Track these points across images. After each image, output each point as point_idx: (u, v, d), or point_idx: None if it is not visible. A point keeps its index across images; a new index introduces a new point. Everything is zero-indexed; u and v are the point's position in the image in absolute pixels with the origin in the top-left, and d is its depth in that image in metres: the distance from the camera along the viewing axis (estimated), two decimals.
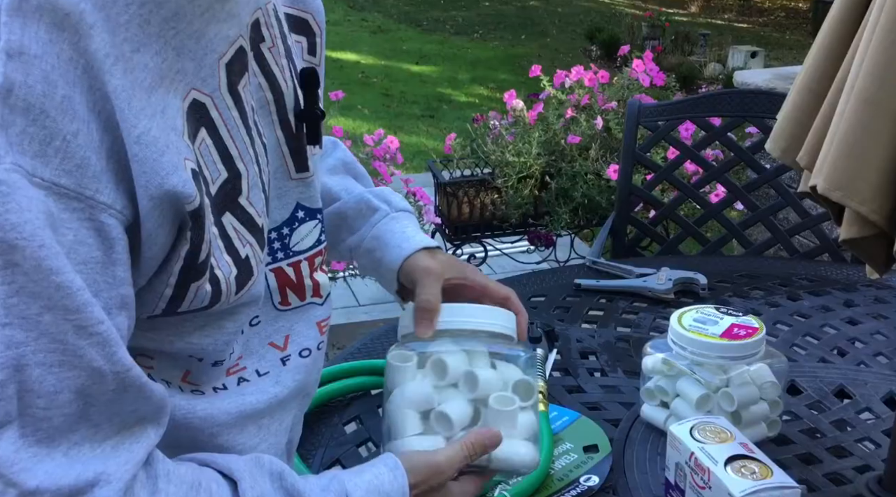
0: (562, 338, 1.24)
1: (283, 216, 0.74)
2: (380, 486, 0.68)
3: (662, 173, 1.92)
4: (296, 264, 0.75)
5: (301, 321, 0.76)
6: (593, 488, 0.95)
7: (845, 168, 0.77)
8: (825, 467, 0.99)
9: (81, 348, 0.53)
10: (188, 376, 0.69)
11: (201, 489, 0.60)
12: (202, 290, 0.61)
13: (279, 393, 0.74)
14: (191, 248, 0.59)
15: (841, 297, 1.43)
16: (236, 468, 0.63)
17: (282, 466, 0.65)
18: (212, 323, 0.66)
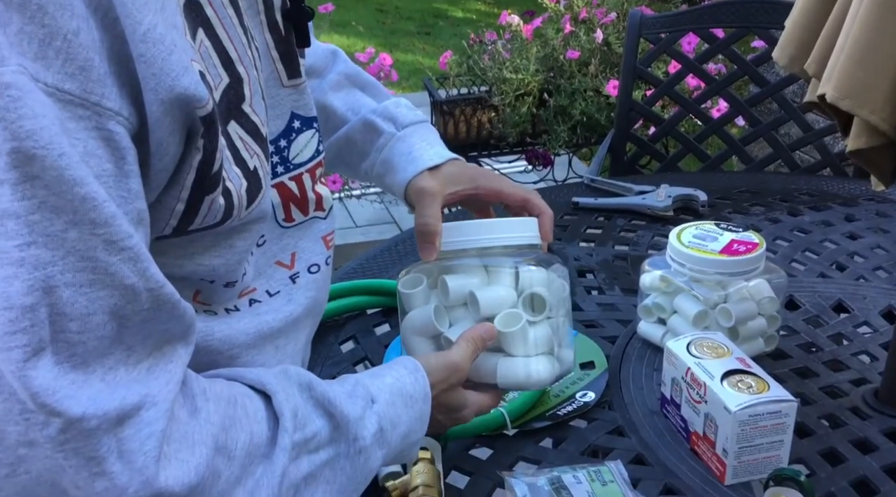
0: (559, 256, 1.23)
1: (279, 127, 0.70)
2: (402, 387, 0.68)
3: (663, 88, 1.88)
4: (297, 177, 0.72)
5: (306, 237, 0.73)
6: (589, 404, 0.95)
7: (856, 75, 0.74)
8: (821, 381, 1.00)
9: (112, 265, 0.49)
10: (199, 296, 0.66)
11: (237, 405, 0.58)
12: (216, 204, 0.58)
13: (293, 311, 0.72)
14: (203, 157, 0.55)
15: (842, 212, 1.41)
16: (268, 381, 0.61)
17: (309, 376, 0.64)
18: (221, 242, 0.62)
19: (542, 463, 0.87)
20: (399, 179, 0.85)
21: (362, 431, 0.64)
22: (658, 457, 0.88)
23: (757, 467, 0.84)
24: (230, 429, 0.56)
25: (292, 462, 0.59)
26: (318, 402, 0.62)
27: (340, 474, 0.62)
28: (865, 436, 0.91)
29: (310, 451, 0.61)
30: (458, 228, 0.79)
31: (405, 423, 0.68)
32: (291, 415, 0.60)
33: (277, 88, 0.69)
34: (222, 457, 0.55)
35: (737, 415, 0.81)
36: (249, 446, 0.57)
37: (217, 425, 0.55)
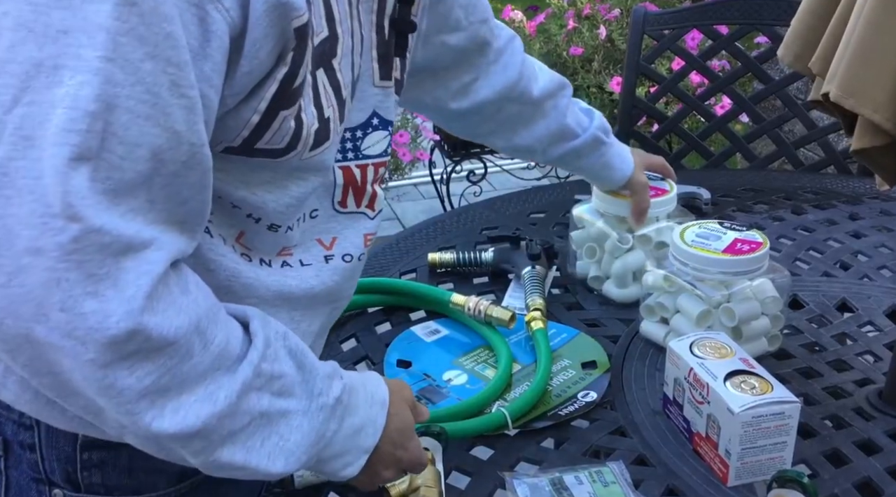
0: (561, 255, 1.22)
1: (359, 119, 0.74)
2: (366, 383, 0.70)
3: (667, 85, 1.87)
4: (363, 167, 0.76)
5: (350, 228, 0.77)
6: (591, 403, 0.94)
7: (860, 74, 0.73)
8: (825, 381, 0.99)
9: (171, 106, 0.53)
10: (242, 237, 0.69)
11: (221, 309, 0.61)
12: (286, 124, 0.62)
13: (315, 286, 0.74)
14: (289, 70, 0.59)
15: (846, 211, 1.40)
16: (249, 311, 0.64)
17: (286, 329, 0.65)
18: (278, 180, 0.66)
19: (543, 463, 0.86)
20: (620, 175, 1.13)
21: (327, 389, 0.65)
22: (660, 458, 0.87)
23: (760, 468, 0.84)
24: (212, 322, 0.58)
25: (255, 390, 0.60)
26: (291, 351, 0.64)
27: (296, 432, 0.63)
28: (869, 437, 0.90)
29: (273, 392, 0.62)
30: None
31: (361, 416, 0.68)
32: (264, 341, 0.62)
33: (368, 85, 0.74)
34: (199, 339, 0.57)
35: (740, 416, 0.81)
36: (223, 349, 0.59)
37: (202, 310, 0.58)
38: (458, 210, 1.45)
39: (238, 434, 0.60)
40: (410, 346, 1.04)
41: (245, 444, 0.61)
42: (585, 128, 1.10)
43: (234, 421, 0.59)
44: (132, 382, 0.54)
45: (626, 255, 1.12)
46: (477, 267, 1.20)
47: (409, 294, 1.12)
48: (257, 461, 0.61)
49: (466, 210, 1.41)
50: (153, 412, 0.55)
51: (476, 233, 1.31)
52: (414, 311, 1.12)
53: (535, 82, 1.04)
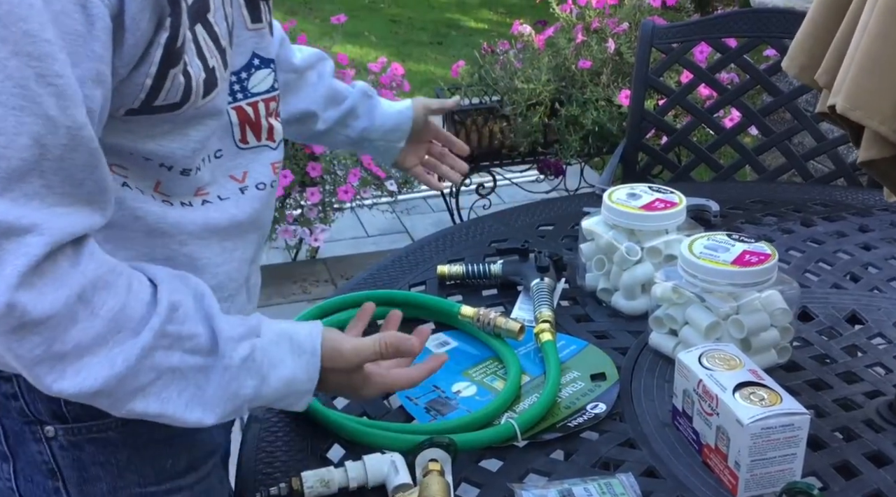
0: (570, 267, 1.23)
1: (241, 62, 0.81)
2: (293, 335, 0.75)
3: (675, 97, 1.87)
4: (254, 104, 0.82)
5: (257, 161, 0.83)
6: (600, 415, 0.95)
7: (866, 85, 0.74)
8: (835, 393, 0.99)
9: (40, 96, 0.58)
10: (160, 186, 0.75)
11: (121, 276, 0.66)
12: (177, 81, 0.67)
13: (237, 214, 0.81)
14: (170, 34, 0.65)
15: (856, 223, 1.40)
16: (161, 276, 0.70)
17: (204, 289, 0.72)
18: (178, 130, 0.72)
19: (552, 475, 0.87)
20: (403, 115, 1.19)
21: (231, 352, 0.70)
22: (670, 469, 0.87)
23: (770, 480, 0.83)
24: (100, 289, 0.64)
25: (163, 350, 0.67)
26: (204, 314, 0.70)
27: (209, 386, 0.69)
28: (880, 449, 0.90)
29: (185, 349, 0.68)
30: None
31: (289, 368, 0.74)
32: (168, 305, 0.67)
33: (242, 30, 0.80)
34: (84, 307, 0.63)
35: (749, 428, 0.81)
36: (117, 314, 0.65)
37: (88, 279, 0.63)
38: (467, 223, 1.45)
39: (148, 388, 0.67)
40: (420, 359, 1.05)
41: (159, 396, 0.67)
42: (351, 89, 1.17)
43: (138, 378, 0.66)
44: (24, 352, 0.62)
45: (634, 267, 1.13)
46: (486, 279, 1.21)
47: (419, 306, 1.12)
48: (174, 410, 0.68)
49: (475, 223, 1.42)
50: (53, 375, 0.63)
51: (485, 245, 1.32)
52: (423, 322, 1.12)
53: (294, 54, 1.11)
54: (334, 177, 2.54)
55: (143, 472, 0.80)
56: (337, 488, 0.83)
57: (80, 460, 0.77)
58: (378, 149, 1.21)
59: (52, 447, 0.76)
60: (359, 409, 0.97)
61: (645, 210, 1.13)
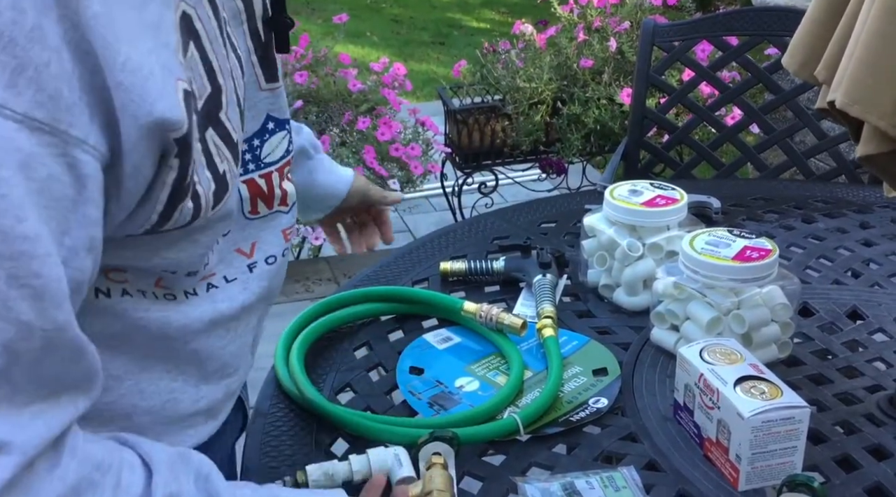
0: (572, 263, 1.23)
1: (254, 128, 0.74)
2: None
3: (677, 95, 1.88)
4: (267, 175, 0.76)
5: (267, 229, 0.78)
6: (602, 410, 0.95)
7: (866, 81, 0.74)
8: (836, 387, 0.99)
9: (11, 299, 0.49)
10: (161, 282, 0.69)
11: (109, 471, 0.57)
12: (185, 209, 0.61)
13: (247, 299, 0.75)
14: (178, 173, 0.58)
15: (856, 219, 1.40)
16: (156, 459, 0.60)
17: (210, 468, 0.63)
18: (185, 238, 0.65)
19: (554, 469, 0.87)
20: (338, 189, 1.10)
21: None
22: (671, 463, 0.88)
23: (770, 473, 0.84)
24: (83, 492, 0.55)
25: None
26: (209, 494, 0.62)
27: None
28: (880, 442, 0.90)
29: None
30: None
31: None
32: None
33: (255, 91, 0.74)
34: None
35: (750, 421, 0.82)
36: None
37: (69, 485, 0.54)
38: (469, 220, 1.46)
39: None
40: (423, 354, 1.06)
41: None
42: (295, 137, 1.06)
43: None
44: None
45: (636, 263, 1.13)
46: (488, 276, 1.21)
47: (422, 302, 1.13)
48: None
49: (478, 220, 1.43)
50: None
51: (487, 242, 1.33)
52: (426, 319, 1.13)
53: None
54: None
55: None
56: (341, 481, 0.84)
57: None
58: (306, 209, 1.10)
59: None
60: (363, 403, 0.97)
61: (646, 206, 1.14)
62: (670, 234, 1.14)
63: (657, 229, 1.14)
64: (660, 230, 1.14)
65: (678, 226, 1.15)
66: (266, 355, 1.03)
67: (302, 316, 1.08)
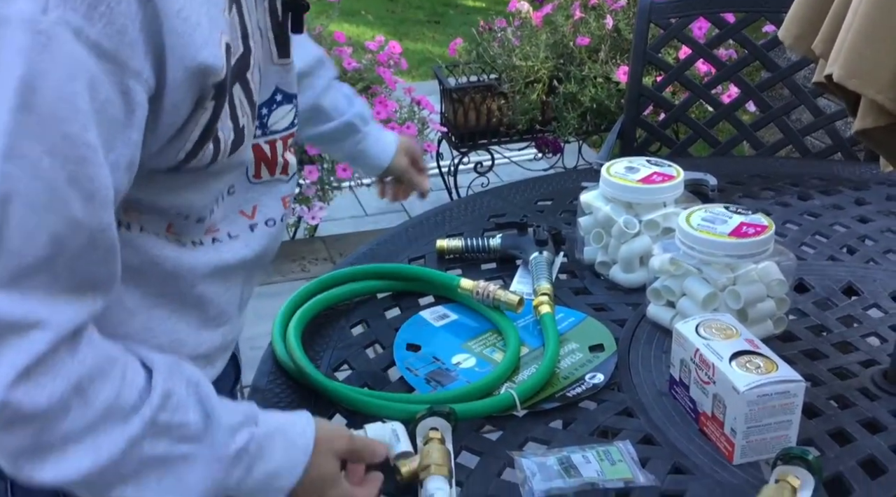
0: (568, 241, 1.23)
1: (263, 97, 0.80)
2: (288, 429, 0.72)
3: (674, 73, 1.87)
4: (272, 142, 0.82)
5: (268, 194, 0.84)
6: (598, 385, 0.96)
7: (863, 54, 0.74)
8: (830, 362, 1.00)
9: (69, 198, 0.58)
10: (171, 228, 0.75)
11: (117, 364, 0.64)
12: (208, 150, 0.69)
13: (247, 254, 0.82)
14: (211, 115, 0.67)
15: (852, 196, 1.40)
16: (156, 361, 0.67)
17: (199, 376, 0.70)
18: (200, 181, 0.72)
19: (551, 443, 0.88)
20: (377, 163, 1.23)
21: (227, 441, 0.68)
22: (667, 437, 0.88)
23: (765, 447, 0.85)
24: (97, 379, 0.62)
25: (150, 437, 0.64)
26: (199, 399, 0.68)
27: (191, 474, 0.66)
28: (874, 416, 0.91)
29: (173, 437, 0.65)
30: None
31: (276, 461, 0.71)
32: (162, 393, 0.65)
33: (268, 64, 0.80)
34: (78, 398, 0.61)
35: (745, 395, 0.82)
36: (111, 403, 0.63)
37: (86, 370, 0.61)
38: (465, 198, 1.46)
39: (128, 477, 0.64)
40: (420, 331, 1.06)
41: (138, 484, 0.64)
42: (342, 113, 1.14)
43: (121, 468, 0.63)
44: (10, 443, 0.60)
45: (632, 240, 1.13)
46: (485, 253, 1.21)
47: (418, 279, 1.13)
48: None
49: (474, 198, 1.42)
50: (33, 465, 0.61)
51: (484, 220, 1.33)
52: (423, 296, 1.13)
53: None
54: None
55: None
56: None
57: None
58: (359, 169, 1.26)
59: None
60: (360, 380, 0.98)
61: (643, 183, 1.14)
62: (667, 210, 1.14)
63: (654, 206, 1.14)
64: (656, 207, 1.14)
65: (675, 202, 1.15)
66: (263, 334, 1.03)
67: (299, 293, 1.08)
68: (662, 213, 1.13)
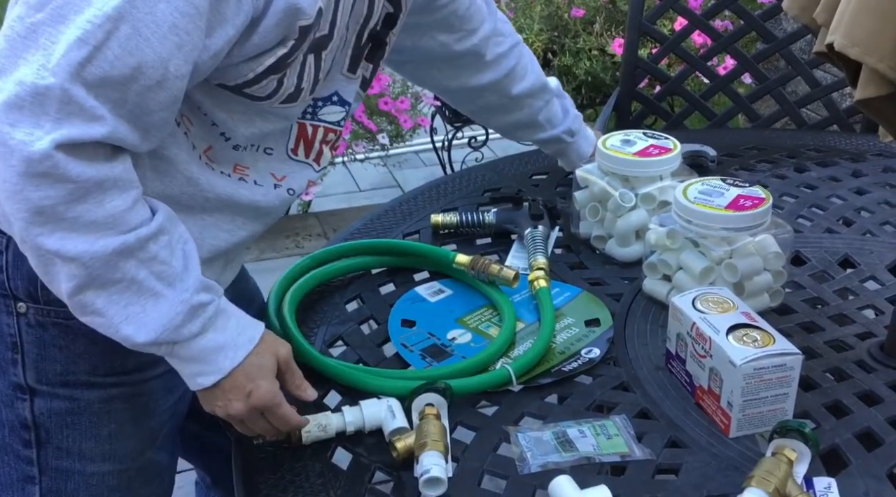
0: (564, 215, 1.23)
1: (323, 93, 0.91)
2: (243, 316, 0.83)
3: (669, 45, 1.85)
4: (315, 127, 0.93)
5: (299, 172, 0.94)
6: (594, 360, 0.95)
7: (865, 23, 0.73)
8: (827, 335, 1.00)
9: (166, 39, 0.69)
10: (209, 152, 0.86)
11: (134, 189, 0.75)
12: (270, 83, 0.80)
13: (260, 201, 0.91)
14: (287, 53, 0.78)
15: (849, 168, 1.40)
16: (161, 206, 0.78)
17: (189, 237, 0.80)
18: (249, 113, 0.84)
19: (547, 418, 0.88)
20: (572, 167, 1.28)
21: (195, 291, 0.77)
22: (663, 411, 0.88)
23: (762, 420, 0.85)
24: (116, 188, 0.72)
25: (135, 259, 0.74)
26: (184, 252, 0.78)
27: (154, 311, 0.75)
28: (871, 388, 0.91)
29: (153, 271, 0.75)
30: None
31: (226, 336, 0.80)
32: (158, 227, 0.76)
33: (338, 72, 0.92)
34: (97, 194, 0.71)
35: (742, 368, 0.82)
36: (118, 213, 0.73)
37: (113, 176, 0.72)
38: (460, 172, 1.45)
39: (108, 285, 0.74)
40: (414, 306, 1.05)
41: (110, 296, 0.74)
42: (555, 125, 1.26)
43: (107, 270, 0.73)
44: (34, 197, 0.69)
45: (628, 214, 1.12)
46: (480, 228, 1.20)
47: (413, 255, 1.12)
48: (114, 314, 0.75)
49: (468, 172, 1.41)
50: (41, 230, 0.70)
51: (478, 194, 1.31)
52: (417, 271, 1.12)
53: (517, 83, 1.19)
54: None
55: (94, 363, 0.87)
56: (334, 433, 0.84)
57: (42, 340, 0.85)
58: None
59: (20, 323, 0.85)
60: (355, 356, 0.97)
61: (639, 156, 1.13)
62: (663, 184, 1.13)
63: (650, 179, 1.13)
64: (652, 180, 1.13)
65: (671, 176, 1.14)
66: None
67: (292, 269, 1.07)
68: (659, 186, 1.12)
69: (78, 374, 0.87)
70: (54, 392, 0.87)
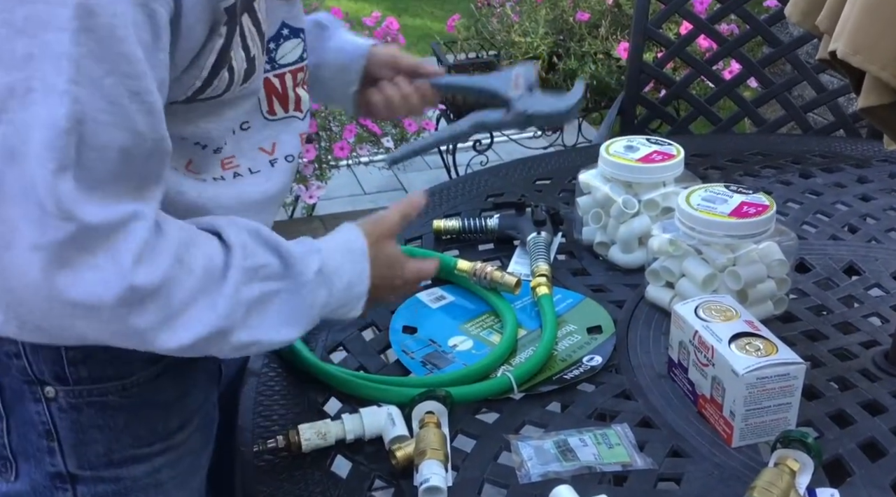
0: (566, 221, 1.22)
1: (270, 33, 0.82)
2: (345, 242, 0.80)
3: (675, 49, 1.85)
4: (281, 76, 0.84)
5: (285, 131, 0.86)
6: (596, 368, 0.95)
7: (868, 30, 0.72)
8: (831, 343, 0.99)
9: (132, 112, 0.63)
10: (190, 165, 0.79)
11: (193, 234, 0.72)
12: (222, 78, 0.72)
13: (269, 188, 0.85)
14: (224, 41, 0.70)
15: (854, 174, 1.39)
16: (218, 223, 0.74)
17: (257, 224, 0.76)
18: (215, 110, 0.76)
19: (548, 426, 0.87)
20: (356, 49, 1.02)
21: (305, 268, 0.75)
22: (665, 420, 0.88)
23: (764, 430, 0.84)
24: (189, 247, 0.69)
25: (245, 285, 0.71)
26: (266, 242, 0.75)
27: (286, 305, 0.74)
28: (875, 397, 0.90)
29: (261, 278, 0.73)
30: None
31: (348, 272, 0.78)
32: (240, 245, 0.72)
33: (272, 0, 0.81)
34: (182, 268, 0.68)
35: (744, 378, 0.81)
36: (207, 266, 0.70)
37: (178, 243, 0.69)
38: (463, 177, 1.44)
39: (239, 322, 0.71)
40: (416, 313, 1.05)
41: (248, 327, 0.72)
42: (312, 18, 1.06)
43: (235, 316, 0.70)
44: (144, 322, 0.66)
45: (631, 220, 1.12)
46: (482, 234, 1.20)
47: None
48: (262, 334, 0.73)
49: (472, 177, 1.41)
50: (168, 334, 0.68)
51: (481, 200, 1.31)
52: None
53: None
54: (330, 133, 2.52)
55: (137, 434, 0.80)
56: (334, 441, 0.84)
57: (79, 423, 0.77)
58: (333, 93, 1.02)
59: (51, 408, 0.77)
60: (355, 363, 0.97)
61: (642, 162, 1.12)
62: (666, 190, 1.12)
63: (653, 185, 1.13)
64: (656, 186, 1.13)
65: (674, 182, 1.14)
66: None
67: None
68: (662, 192, 1.12)
69: (123, 451, 0.80)
70: (98, 475, 0.79)
